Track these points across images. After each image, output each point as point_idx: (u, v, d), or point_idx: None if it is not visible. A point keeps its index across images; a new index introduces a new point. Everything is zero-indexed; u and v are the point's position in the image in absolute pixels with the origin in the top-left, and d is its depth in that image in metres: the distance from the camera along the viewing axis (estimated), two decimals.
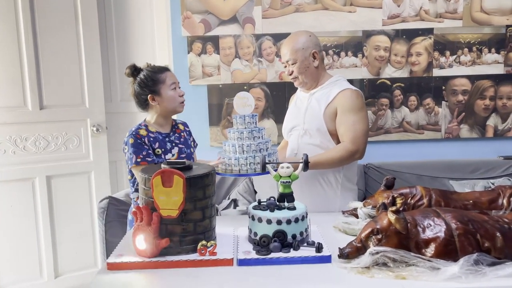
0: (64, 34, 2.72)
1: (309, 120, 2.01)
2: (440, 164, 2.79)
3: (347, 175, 2.05)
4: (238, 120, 1.83)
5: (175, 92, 1.89)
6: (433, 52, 2.83)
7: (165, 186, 1.38)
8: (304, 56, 2.00)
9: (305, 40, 2.01)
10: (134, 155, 1.81)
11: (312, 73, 2.03)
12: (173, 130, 1.99)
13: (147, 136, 1.86)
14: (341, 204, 2.01)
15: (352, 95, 1.97)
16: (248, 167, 1.80)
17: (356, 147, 1.92)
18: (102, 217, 2.15)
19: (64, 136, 2.78)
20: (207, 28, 2.81)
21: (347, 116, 1.94)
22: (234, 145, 1.81)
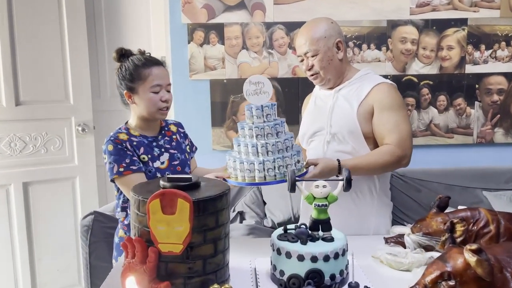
0: (45, 19, 2.38)
1: (338, 122, 1.68)
2: (471, 172, 2.51)
3: (383, 187, 1.73)
4: (255, 112, 1.43)
5: (157, 95, 1.55)
6: (467, 46, 2.52)
7: (166, 212, 1.04)
8: (327, 47, 1.68)
9: (327, 27, 1.70)
10: (115, 164, 1.50)
11: (336, 67, 1.71)
12: (162, 132, 1.66)
13: (128, 140, 1.55)
14: (377, 224, 1.68)
15: (391, 89, 1.68)
16: (277, 171, 1.42)
17: (403, 151, 1.61)
18: (85, 236, 1.80)
19: (44, 137, 2.44)
20: (211, 15, 2.46)
21: (388, 114, 1.63)
22: (255, 145, 1.42)
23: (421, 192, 2.45)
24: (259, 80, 1.45)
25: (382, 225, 1.70)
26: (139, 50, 1.60)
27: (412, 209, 2.43)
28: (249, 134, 1.44)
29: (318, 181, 1.17)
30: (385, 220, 1.73)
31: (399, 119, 1.63)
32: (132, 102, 1.57)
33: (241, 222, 2.27)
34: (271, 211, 2.31)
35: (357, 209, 1.67)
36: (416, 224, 1.39)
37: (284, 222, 2.27)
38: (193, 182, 1.15)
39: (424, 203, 2.44)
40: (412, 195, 2.45)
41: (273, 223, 2.27)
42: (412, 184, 2.46)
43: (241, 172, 1.45)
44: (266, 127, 1.42)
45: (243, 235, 2.18)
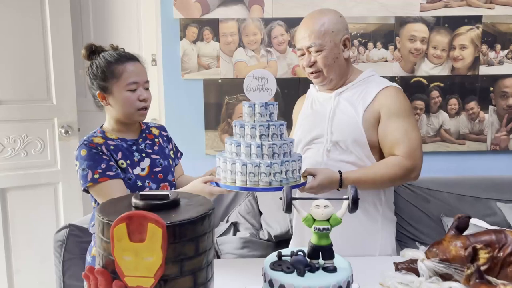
0: (26, 11, 2.19)
1: (341, 129, 1.50)
2: (485, 181, 2.35)
3: (389, 201, 1.56)
4: (259, 109, 1.29)
5: (134, 94, 1.39)
6: (481, 46, 2.34)
7: (134, 239, 0.86)
8: (333, 42, 1.51)
9: (336, 20, 1.53)
10: (89, 170, 1.34)
11: (341, 66, 1.55)
12: (143, 135, 1.50)
13: (104, 144, 1.39)
14: (383, 244, 1.51)
15: (398, 94, 1.53)
16: (283, 176, 1.29)
17: (413, 163, 1.45)
18: (59, 253, 1.62)
19: (24, 139, 2.27)
20: (205, 9, 2.28)
21: (397, 121, 1.47)
22: (259, 146, 1.27)
23: (430, 202, 2.29)
24: (263, 75, 1.33)
25: (388, 244, 1.53)
26: (111, 46, 1.44)
27: (420, 221, 2.26)
28: (251, 134, 1.30)
29: (318, 200, 0.99)
30: (391, 237, 1.56)
31: (409, 126, 1.47)
32: (107, 104, 1.40)
33: (235, 234, 2.10)
34: (268, 223, 2.13)
35: (360, 226, 1.49)
36: (432, 248, 1.21)
37: (282, 235, 2.09)
38: (171, 200, 0.97)
39: (433, 215, 2.28)
40: (420, 206, 2.28)
41: (269, 236, 2.09)
42: (420, 194, 2.29)
43: (242, 176, 1.29)
44: (272, 127, 1.29)
45: (236, 248, 2.00)
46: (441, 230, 2.25)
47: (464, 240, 1.18)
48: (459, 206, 2.29)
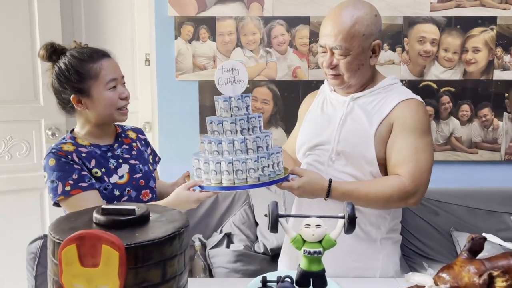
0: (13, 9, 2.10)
1: (349, 140, 1.34)
2: (498, 193, 2.21)
3: (395, 220, 1.41)
4: (235, 102, 1.23)
5: (114, 92, 1.29)
6: (495, 48, 2.19)
7: (86, 264, 0.73)
8: (362, 47, 1.30)
9: (370, 21, 1.30)
10: (59, 182, 1.22)
11: (365, 74, 1.36)
12: (119, 140, 1.38)
13: (75, 151, 1.27)
14: (384, 264, 1.36)
15: (419, 109, 1.34)
16: (271, 169, 1.24)
17: (415, 187, 1.28)
18: (32, 266, 1.50)
19: (8, 141, 2.17)
20: (201, 7, 2.17)
21: (408, 138, 1.30)
22: (243, 141, 1.20)
23: (438, 215, 2.15)
24: (233, 66, 1.25)
25: (390, 265, 1.38)
26: (75, 42, 1.32)
27: (428, 236, 2.12)
28: (231, 129, 1.23)
29: (309, 219, 0.85)
30: (394, 258, 1.41)
31: (421, 146, 1.30)
32: (83, 107, 1.28)
33: (228, 246, 1.96)
34: (264, 235, 1.99)
35: (360, 246, 1.34)
36: (441, 273, 1.06)
37: (278, 248, 1.94)
38: (138, 215, 0.83)
39: (442, 229, 2.14)
40: (428, 219, 2.14)
41: (265, 249, 1.95)
42: (429, 206, 2.15)
43: (229, 175, 1.21)
44: (252, 120, 1.24)
45: (229, 262, 1.87)
46: (450, 245, 2.10)
47: (479, 265, 1.03)
48: (470, 219, 2.15)
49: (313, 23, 2.17)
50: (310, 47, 2.19)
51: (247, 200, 2.14)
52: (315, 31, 2.18)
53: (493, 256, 1.07)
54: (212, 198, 2.11)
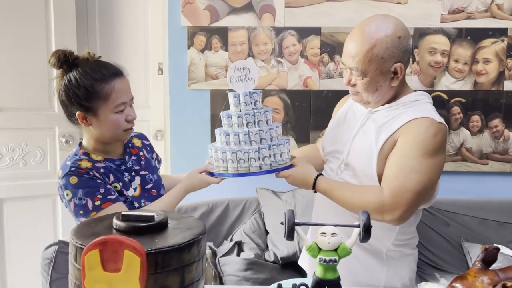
0: (30, 17, 2.13)
1: (357, 152, 1.34)
2: (509, 205, 2.20)
3: (405, 235, 1.36)
4: (243, 98, 1.33)
5: (121, 115, 1.26)
6: (506, 60, 2.20)
7: (108, 268, 0.74)
8: (380, 70, 1.26)
9: (392, 43, 1.24)
10: (88, 198, 1.20)
11: (385, 94, 1.32)
12: (127, 151, 1.37)
13: (93, 168, 1.24)
14: (389, 277, 1.35)
15: (430, 128, 1.24)
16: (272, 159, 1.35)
17: (393, 203, 1.22)
18: (46, 272, 1.51)
19: (23, 148, 2.18)
20: (214, 17, 2.19)
21: (405, 155, 1.24)
22: (247, 133, 1.31)
23: (449, 226, 2.14)
24: (244, 65, 1.35)
25: (396, 279, 1.35)
26: (89, 53, 1.27)
27: (439, 247, 2.11)
28: (238, 123, 1.34)
29: (325, 227, 0.86)
30: (401, 272, 1.37)
31: (415, 166, 1.22)
32: (87, 124, 1.25)
33: (239, 254, 1.97)
34: (274, 243, 2.00)
35: (364, 255, 1.33)
36: (455, 283, 1.06)
37: (289, 257, 1.95)
38: (157, 222, 0.85)
39: (453, 240, 2.13)
40: (440, 230, 2.13)
41: (275, 257, 1.96)
42: (440, 217, 2.14)
43: (233, 163, 1.34)
44: (257, 114, 1.34)
45: (240, 270, 1.87)
46: (461, 256, 2.09)
47: (492, 276, 1.03)
48: (481, 231, 2.14)
49: (324, 34, 2.20)
50: (321, 57, 2.21)
51: (257, 209, 2.15)
52: (326, 42, 2.20)
53: (507, 266, 1.07)
54: (223, 207, 2.13)
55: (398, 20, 1.30)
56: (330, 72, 2.21)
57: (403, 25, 1.30)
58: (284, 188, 2.19)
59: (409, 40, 1.29)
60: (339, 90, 2.21)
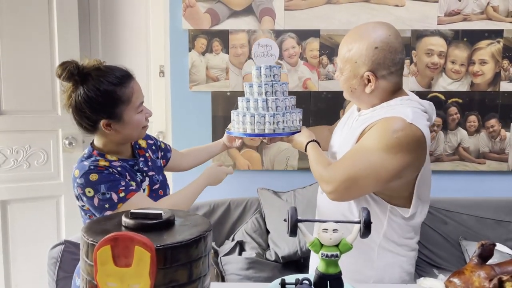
0: (33, 20, 2.17)
1: (341, 152, 1.37)
2: (506, 203, 2.23)
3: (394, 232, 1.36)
4: (264, 71, 1.52)
5: (142, 114, 1.30)
6: (502, 61, 2.23)
7: (119, 263, 0.77)
8: (353, 73, 1.33)
9: (366, 52, 1.28)
10: (112, 192, 1.23)
11: (360, 98, 1.38)
12: (136, 152, 1.41)
13: (111, 166, 1.27)
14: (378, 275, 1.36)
15: (393, 125, 1.23)
16: (285, 124, 1.51)
17: (328, 175, 1.29)
18: (53, 271, 1.54)
19: (27, 150, 2.21)
20: (215, 20, 2.23)
21: (361, 143, 1.28)
22: (265, 101, 1.49)
23: (447, 224, 2.18)
24: (267, 43, 1.62)
25: (386, 278, 1.36)
26: (96, 61, 1.27)
27: (437, 245, 2.14)
28: (258, 92, 1.53)
29: (327, 224, 0.90)
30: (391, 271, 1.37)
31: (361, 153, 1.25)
32: (111, 130, 1.27)
33: (240, 253, 2.00)
34: (275, 242, 2.03)
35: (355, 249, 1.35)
36: (452, 278, 1.10)
37: (290, 256, 1.98)
38: (164, 219, 0.88)
39: (451, 238, 2.16)
40: (437, 228, 2.17)
41: (276, 256, 1.99)
42: (438, 216, 2.18)
43: (251, 125, 1.51)
44: (275, 85, 1.52)
45: (242, 269, 1.90)
46: (459, 254, 2.13)
47: (489, 270, 1.07)
48: (479, 229, 2.17)
49: (323, 36, 2.23)
50: (320, 59, 2.24)
51: (258, 209, 2.18)
52: (325, 44, 2.23)
53: (502, 261, 1.11)
54: (225, 207, 2.16)
55: (388, 32, 1.31)
56: (329, 73, 2.25)
57: (390, 38, 1.29)
58: (284, 188, 2.22)
59: (388, 54, 1.28)
60: (338, 91, 2.22)
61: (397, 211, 1.33)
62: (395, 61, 1.31)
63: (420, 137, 1.24)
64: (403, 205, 1.34)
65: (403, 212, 1.34)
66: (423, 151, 1.27)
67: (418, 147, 1.25)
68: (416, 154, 1.26)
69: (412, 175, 1.30)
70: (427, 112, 1.36)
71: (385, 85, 1.32)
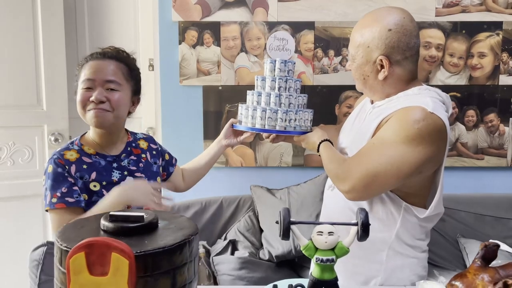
0: (16, 12, 2.08)
1: (355, 146, 1.31)
2: (505, 200, 2.18)
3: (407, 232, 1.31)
4: (279, 65, 1.46)
5: (85, 94, 1.23)
6: (501, 54, 2.17)
7: (95, 272, 0.71)
8: (365, 59, 1.28)
9: (380, 34, 1.25)
10: (49, 192, 1.20)
11: (372, 86, 1.32)
12: (128, 149, 1.34)
13: (76, 161, 1.23)
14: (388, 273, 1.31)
15: (414, 115, 1.18)
16: (297, 123, 1.45)
17: (343, 172, 1.23)
18: (34, 274, 1.47)
19: (10, 147, 2.13)
20: (206, 12, 2.15)
21: (381, 136, 1.22)
22: (278, 96, 1.44)
23: (445, 222, 2.12)
24: (283, 36, 1.56)
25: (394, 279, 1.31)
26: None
27: (435, 242, 2.08)
28: (271, 86, 1.47)
29: (322, 226, 0.83)
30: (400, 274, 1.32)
31: (382, 148, 1.18)
32: None
33: (233, 253, 1.93)
34: (269, 241, 1.97)
35: (362, 253, 1.30)
36: (454, 281, 1.04)
37: (284, 255, 1.92)
38: (147, 222, 0.81)
39: (449, 236, 2.11)
40: (435, 226, 2.05)
41: (270, 256, 1.93)
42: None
43: (262, 120, 1.45)
44: (289, 81, 1.46)
45: (234, 269, 1.84)
46: (457, 252, 2.08)
47: (493, 273, 1.01)
48: (477, 226, 2.12)
49: (318, 28, 2.16)
50: (315, 52, 2.17)
51: (251, 207, 2.11)
52: (320, 36, 2.16)
53: (507, 264, 1.05)
54: (217, 205, 2.10)
55: (402, 15, 1.28)
56: (324, 67, 2.18)
57: (404, 21, 1.26)
58: (278, 185, 2.16)
59: (403, 37, 1.25)
60: (334, 85, 2.18)
61: (411, 210, 1.28)
62: (410, 45, 1.26)
63: (442, 127, 1.19)
64: (418, 204, 1.29)
65: (418, 212, 1.28)
66: (444, 143, 1.22)
67: (440, 139, 1.19)
68: (438, 146, 1.20)
69: (432, 169, 1.25)
70: (444, 103, 1.31)
71: (399, 73, 1.28)
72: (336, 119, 2.19)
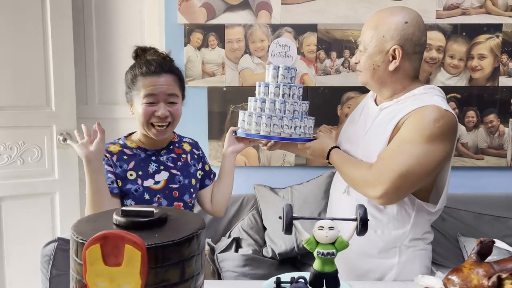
0: (25, 14, 2.13)
1: (369, 148, 1.34)
2: (505, 199, 2.21)
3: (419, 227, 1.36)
4: (282, 71, 1.45)
5: (148, 109, 1.30)
6: (501, 55, 2.21)
7: (109, 263, 0.75)
8: (378, 49, 1.32)
9: (396, 26, 1.30)
10: None
11: (381, 78, 1.35)
12: (170, 147, 1.42)
13: (118, 153, 1.34)
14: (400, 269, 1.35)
15: (432, 114, 1.24)
16: (302, 130, 1.44)
17: (374, 178, 1.25)
18: (46, 269, 1.52)
19: (21, 147, 2.18)
20: (210, 15, 2.20)
21: (403, 138, 1.26)
22: (283, 103, 1.42)
23: (445, 221, 2.15)
24: (286, 43, 1.46)
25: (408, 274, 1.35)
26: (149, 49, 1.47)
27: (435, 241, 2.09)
28: (275, 92, 1.45)
29: (322, 221, 0.88)
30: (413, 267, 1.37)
31: (409, 149, 1.22)
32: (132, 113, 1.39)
33: (237, 250, 1.98)
34: (272, 239, 2.01)
35: (373, 250, 1.35)
36: (450, 275, 1.08)
37: (286, 253, 1.96)
38: (156, 217, 0.86)
39: (449, 234, 2.14)
40: (435, 224, 2.09)
41: (273, 253, 1.97)
42: None
43: (267, 127, 1.43)
44: (293, 88, 1.45)
45: (238, 266, 1.89)
46: (457, 251, 2.11)
47: (488, 268, 1.05)
48: (477, 225, 2.15)
49: (321, 31, 2.21)
50: (317, 54, 2.22)
51: (255, 205, 2.16)
52: (322, 38, 2.21)
53: (502, 259, 1.09)
54: None
55: (416, 13, 1.34)
56: (327, 68, 2.22)
57: (418, 18, 1.33)
58: (281, 184, 2.20)
59: (417, 32, 1.31)
60: (336, 86, 2.22)
61: (423, 205, 1.33)
62: (421, 42, 1.32)
63: (456, 124, 1.28)
64: (424, 199, 1.34)
65: (428, 207, 1.34)
66: (455, 139, 1.31)
67: (454, 135, 1.29)
68: (453, 142, 1.29)
69: (447, 164, 1.32)
70: None
71: (407, 67, 1.33)
72: (338, 119, 2.23)
